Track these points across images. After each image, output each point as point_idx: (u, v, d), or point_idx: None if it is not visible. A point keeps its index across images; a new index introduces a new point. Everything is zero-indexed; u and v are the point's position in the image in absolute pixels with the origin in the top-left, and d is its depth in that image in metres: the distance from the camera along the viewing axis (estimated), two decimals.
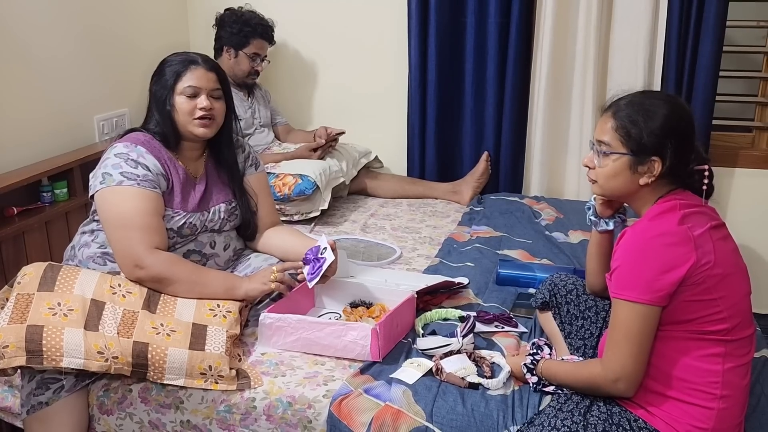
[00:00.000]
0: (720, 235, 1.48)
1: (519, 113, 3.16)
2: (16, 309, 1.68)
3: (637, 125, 1.49)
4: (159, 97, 1.94)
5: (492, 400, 1.63)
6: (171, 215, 1.93)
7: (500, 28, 3.06)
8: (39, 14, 2.56)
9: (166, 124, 1.94)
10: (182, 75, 1.93)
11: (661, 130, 1.47)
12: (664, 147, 1.47)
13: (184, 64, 1.94)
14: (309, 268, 1.93)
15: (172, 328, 1.75)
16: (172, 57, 1.98)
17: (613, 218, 1.72)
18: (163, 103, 1.94)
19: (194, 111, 1.93)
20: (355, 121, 3.34)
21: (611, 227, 1.72)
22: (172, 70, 1.94)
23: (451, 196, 3.22)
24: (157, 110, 1.95)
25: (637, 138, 1.48)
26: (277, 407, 1.68)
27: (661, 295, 1.39)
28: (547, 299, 1.82)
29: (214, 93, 1.96)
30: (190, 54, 1.99)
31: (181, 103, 1.93)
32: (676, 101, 1.55)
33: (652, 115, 1.48)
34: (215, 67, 1.99)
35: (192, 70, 1.94)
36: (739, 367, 1.44)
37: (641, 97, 1.54)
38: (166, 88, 1.93)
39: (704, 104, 2.92)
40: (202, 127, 1.95)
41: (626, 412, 1.47)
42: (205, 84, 1.94)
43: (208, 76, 1.96)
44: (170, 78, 1.93)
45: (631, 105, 1.52)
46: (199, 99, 1.93)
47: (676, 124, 1.48)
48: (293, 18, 3.36)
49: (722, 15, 2.82)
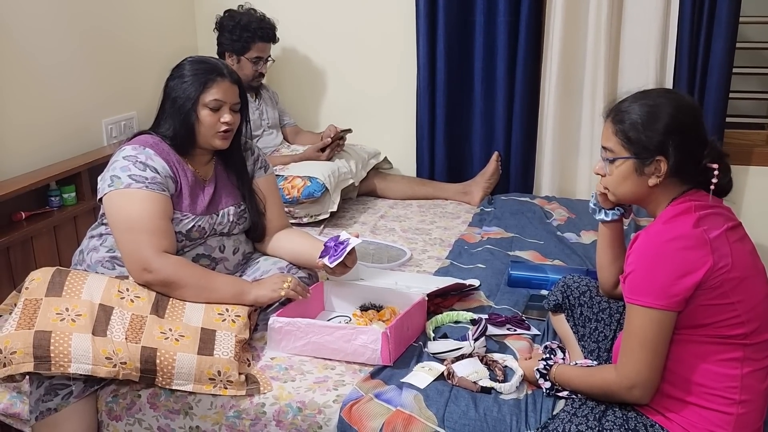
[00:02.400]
0: (737, 236, 1.45)
1: (529, 112, 3.13)
2: (23, 314, 1.67)
3: (636, 127, 1.47)
4: (180, 105, 1.91)
5: (505, 405, 1.61)
6: (180, 218, 1.92)
7: (509, 26, 3.03)
8: (45, 18, 2.56)
9: (184, 133, 1.93)
10: (209, 87, 1.90)
11: (660, 128, 1.45)
12: (666, 145, 1.44)
13: (210, 75, 1.91)
14: (330, 252, 1.94)
15: (181, 333, 1.74)
16: (194, 64, 1.94)
17: (612, 210, 1.70)
18: (186, 113, 1.91)
19: (217, 125, 1.92)
20: (364, 121, 3.33)
21: (609, 218, 1.71)
22: (198, 79, 1.90)
23: (462, 196, 3.20)
24: (175, 117, 1.92)
25: (638, 140, 1.46)
26: (287, 413, 1.66)
27: (677, 300, 1.37)
28: (559, 301, 1.80)
29: (235, 106, 1.96)
30: (213, 63, 1.96)
31: (205, 116, 1.91)
32: (675, 96, 1.52)
33: (650, 115, 1.46)
34: (238, 80, 1.98)
35: (218, 83, 1.91)
36: (758, 371, 1.41)
37: (639, 97, 1.51)
38: (190, 99, 1.90)
39: (717, 102, 2.88)
40: (222, 140, 1.95)
41: (642, 417, 1.44)
42: (230, 98, 1.93)
43: (233, 90, 1.94)
44: (196, 88, 1.90)
45: (629, 107, 1.50)
46: (222, 113, 1.92)
47: (676, 120, 1.45)
48: (300, 19, 3.35)
49: (735, 11, 2.78)
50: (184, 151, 1.96)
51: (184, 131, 1.93)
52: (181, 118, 1.92)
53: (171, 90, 1.94)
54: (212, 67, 1.94)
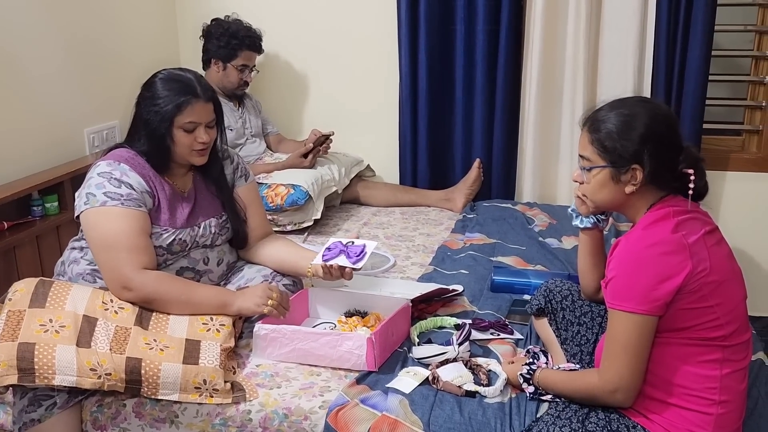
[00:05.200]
0: (714, 240, 1.48)
1: (510, 120, 3.16)
2: (7, 326, 1.66)
3: (611, 136, 1.49)
4: (154, 126, 1.86)
5: (489, 408, 1.63)
6: (159, 232, 1.90)
7: (489, 35, 3.06)
8: (28, 27, 2.54)
9: (159, 153, 1.90)
10: (183, 108, 1.85)
11: (635, 137, 1.47)
12: (641, 153, 1.46)
13: (183, 96, 1.85)
14: (344, 256, 1.96)
15: (165, 344, 1.73)
16: (166, 83, 1.87)
17: (588, 217, 1.72)
18: (161, 136, 1.86)
19: (193, 144, 1.89)
20: (347, 129, 3.33)
21: (584, 225, 1.73)
22: (171, 101, 1.84)
23: (444, 203, 3.22)
24: (149, 138, 1.88)
25: (613, 148, 1.48)
26: (273, 419, 1.66)
27: (658, 305, 1.39)
28: (542, 305, 1.82)
29: (210, 123, 1.93)
30: (186, 81, 1.89)
31: (180, 137, 1.88)
32: (651, 105, 1.54)
33: (625, 124, 1.48)
34: (212, 97, 1.92)
35: (192, 105, 1.85)
36: (737, 372, 1.44)
37: (615, 106, 1.53)
38: (164, 121, 1.85)
39: (694, 109, 2.93)
40: (200, 157, 1.94)
41: (625, 419, 1.47)
42: (204, 118, 1.89)
43: (207, 109, 1.90)
44: (169, 110, 1.84)
45: (605, 116, 1.52)
46: (197, 132, 1.88)
47: (650, 128, 1.47)
48: (283, 27, 3.35)
49: (710, 20, 2.83)
50: (160, 168, 1.94)
51: (159, 152, 1.90)
52: (156, 139, 1.88)
53: (143, 111, 1.88)
54: (185, 87, 1.87)
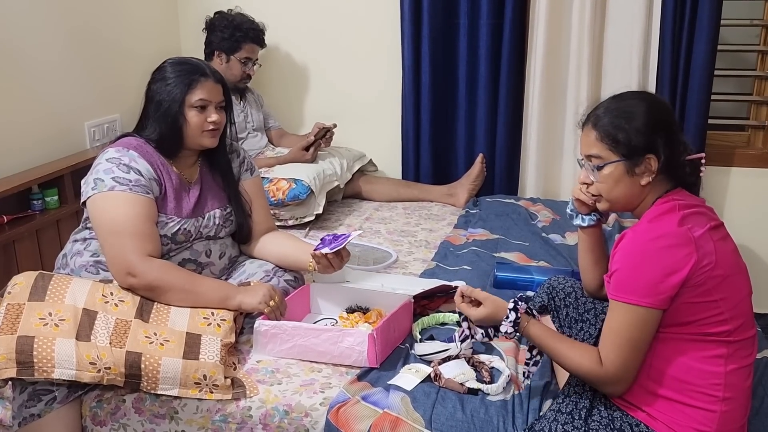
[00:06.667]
0: (719, 235, 1.47)
1: (513, 114, 3.15)
2: (6, 319, 1.65)
3: (622, 128, 1.48)
4: (166, 108, 1.90)
5: (492, 406, 1.61)
6: (165, 221, 1.90)
7: (493, 29, 3.05)
8: (28, 19, 2.53)
9: (171, 136, 1.92)
10: (194, 87, 1.90)
11: (646, 126, 1.47)
12: (654, 142, 1.46)
13: (193, 75, 1.90)
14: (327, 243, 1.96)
15: (166, 338, 1.72)
16: (176, 65, 1.93)
17: (589, 215, 1.71)
18: (173, 116, 1.90)
19: (204, 124, 1.92)
20: (349, 124, 3.32)
21: (585, 224, 1.71)
22: (182, 81, 1.90)
23: (447, 198, 3.21)
24: (161, 121, 1.91)
25: (626, 141, 1.47)
26: (274, 416, 1.65)
27: (663, 298, 1.38)
28: (545, 302, 1.80)
29: (220, 104, 1.96)
30: (195, 63, 1.95)
31: (192, 116, 1.90)
32: (651, 96, 1.56)
33: (632, 115, 1.48)
34: (221, 79, 1.97)
35: (203, 83, 1.91)
36: (742, 368, 1.43)
37: (615, 101, 1.53)
38: (176, 101, 1.89)
39: (699, 104, 2.91)
40: (211, 138, 1.95)
41: (628, 416, 1.45)
42: (215, 97, 1.93)
43: (217, 89, 1.94)
44: (181, 89, 1.89)
45: (608, 111, 1.51)
46: (208, 112, 1.92)
47: (659, 117, 1.49)
48: (286, 21, 3.34)
49: (716, 14, 2.81)
50: (169, 153, 1.95)
51: (171, 133, 1.92)
52: (168, 120, 1.90)
53: (154, 93, 1.92)
54: (195, 68, 1.93)
